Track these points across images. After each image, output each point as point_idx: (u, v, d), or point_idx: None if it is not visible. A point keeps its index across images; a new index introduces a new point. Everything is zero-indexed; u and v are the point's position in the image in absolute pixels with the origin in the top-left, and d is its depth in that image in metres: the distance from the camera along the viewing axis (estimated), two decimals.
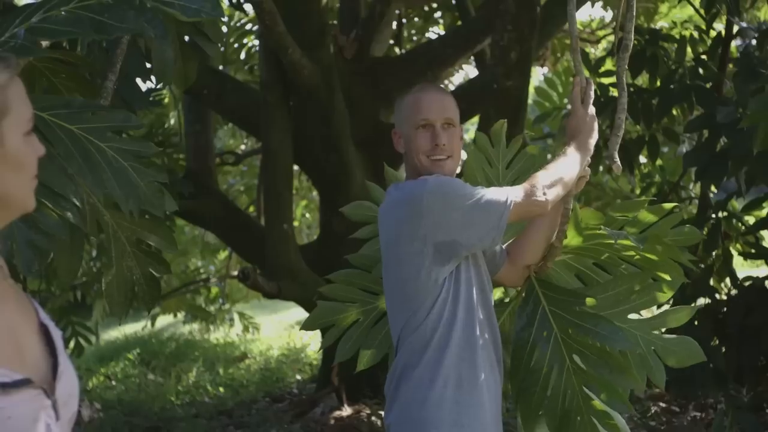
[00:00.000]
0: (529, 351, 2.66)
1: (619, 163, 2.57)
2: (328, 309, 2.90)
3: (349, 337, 2.90)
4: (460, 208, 2.39)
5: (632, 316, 2.76)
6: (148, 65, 3.24)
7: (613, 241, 2.66)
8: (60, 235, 2.30)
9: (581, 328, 2.60)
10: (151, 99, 4.61)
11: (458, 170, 2.68)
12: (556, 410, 2.65)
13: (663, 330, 2.82)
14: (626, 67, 2.68)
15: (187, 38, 3.31)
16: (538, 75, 10.91)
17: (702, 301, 5.64)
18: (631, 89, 5.91)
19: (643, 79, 6.52)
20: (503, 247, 2.76)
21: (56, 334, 1.51)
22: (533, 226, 2.70)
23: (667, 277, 2.79)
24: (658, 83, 5.85)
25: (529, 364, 2.66)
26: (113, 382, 9.91)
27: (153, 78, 3.36)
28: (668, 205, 2.78)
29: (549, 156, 6.27)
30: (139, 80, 3.35)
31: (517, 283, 2.79)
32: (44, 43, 2.37)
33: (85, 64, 2.71)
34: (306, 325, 2.94)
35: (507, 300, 3.02)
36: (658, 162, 7.15)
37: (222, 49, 8.44)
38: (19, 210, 1.49)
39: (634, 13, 2.67)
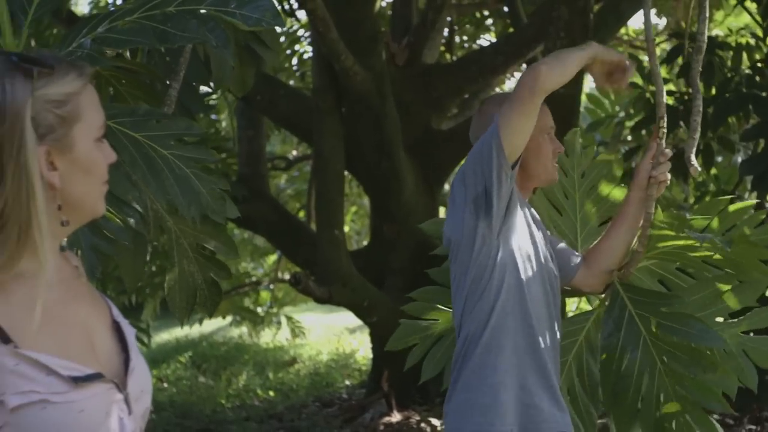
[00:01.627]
0: (618, 356, 2.62)
1: (696, 165, 2.53)
2: (411, 328, 2.89)
3: (432, 355, 2.89)
4: (477, 157, 2.38)
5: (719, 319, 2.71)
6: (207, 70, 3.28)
7: (694, 243, 2.59)
8: (123, 241, 2.35)
9: (670, 329, 2.55)
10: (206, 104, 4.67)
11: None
12: (650, 414, 2.61)
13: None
14: (700, 69, 2.62)
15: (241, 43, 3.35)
16: (589, 82, 10.83)
17: None
18: (685, 98, 5.85)
19: None
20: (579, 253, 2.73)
21: (129, 331, 1.53)
22: (611, 232, 2.67)
23: (754, 278, 2.71)
24: (713, 92, 5.79)
25: (620, 370, 2.62)
26: (165, 384, 10.02)
27: (210, 83, 3.41)
28: (748, 203, 2.70)
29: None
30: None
31: (597, 289, 2.73)
32: (108, 52, 2.42)
33: (146, 70, 2.75)
34: (391, 345, 2.93)
35: (589, 308, 2.95)
36: (713, 171, 7.06)
37: None
38: (88, 215, 1.51)
39: (707, 15, 2.60)
